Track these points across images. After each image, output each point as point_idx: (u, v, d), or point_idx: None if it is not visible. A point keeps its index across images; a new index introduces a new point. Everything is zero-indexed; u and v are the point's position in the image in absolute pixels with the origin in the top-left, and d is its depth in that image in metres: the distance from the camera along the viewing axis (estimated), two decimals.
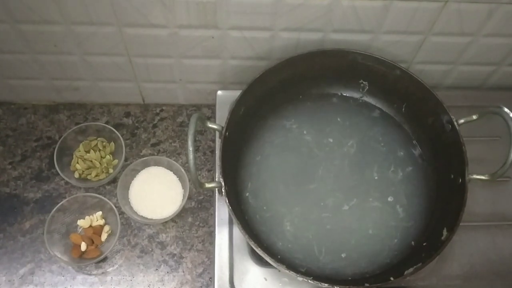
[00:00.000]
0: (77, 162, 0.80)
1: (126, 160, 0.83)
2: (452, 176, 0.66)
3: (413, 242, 0.66)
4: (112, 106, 0.88)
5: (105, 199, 0.76)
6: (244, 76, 0.81)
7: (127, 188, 0.79)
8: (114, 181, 0.81)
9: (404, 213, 0.68)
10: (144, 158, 0.80)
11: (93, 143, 0.82)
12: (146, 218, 0.77)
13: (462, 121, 0.65)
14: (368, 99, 0.77)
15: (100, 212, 0.77)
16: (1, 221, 0.77)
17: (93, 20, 0.69)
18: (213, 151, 0.84)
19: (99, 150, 0.82)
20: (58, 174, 0.78)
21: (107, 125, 0.82)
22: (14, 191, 0.80)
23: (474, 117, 0.65)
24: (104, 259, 0.75)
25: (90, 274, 0.74)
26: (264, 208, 0.68)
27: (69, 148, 0.82)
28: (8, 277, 0.73)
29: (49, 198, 0.79)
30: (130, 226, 0.78)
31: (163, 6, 0.67)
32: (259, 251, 0.58)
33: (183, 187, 0.79)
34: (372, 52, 0.71)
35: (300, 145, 0.73)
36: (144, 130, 0.87)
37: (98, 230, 0.76)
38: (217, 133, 0.66)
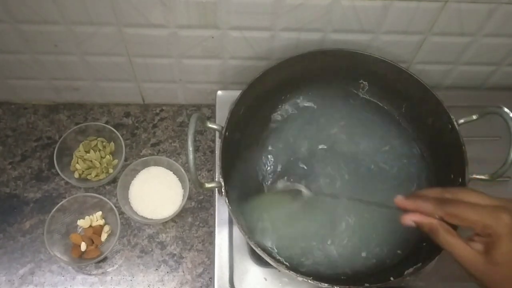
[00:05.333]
0: (77, 162, 0.81)
1: (126, 160, 0.83)
2: (452, 176, 0.66)
3: (413, 242, 0.66)
4: (112, 106, 0.88)
5: (105, 199, 0.76)
6: (244, 76, 0.81)
7: (127, 188, 0.79)
8: (114, 181, 0.81)
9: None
10: (144, 158, 0.80)
11: (93, 143, 0.82)
12: (146, 218, 0.77)
13: (462, 121, 0.65)
14: (368, 99, 0.77)
15: (100, 212, 0.77)
16: (1, 221, 0.77)
17: (93, 20, 0.69)
18: (213, 151, 0.84)
19: (99, 150, 0.82)
20: (58, 174, 0.78)
21: (107, 125, 0.82)
22: (14, 191, 0.80)
23: (474, 117, 0.65)
24: (104, 259, 0.75)
25: (90, 274, 0.74)
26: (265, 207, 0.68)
27: (69, 148, 0.82)
28: (8, 277, 0.73)
29: (49, 198, 0.79)
30: (130, 226, 0.78)
31: (163, 6, 0.67)
32: (259, 251, 0.58)
33: (183, 187, 0.79)
34: (372, 52, 0.71)
35: (300, 145, 0.73)
36: (144, 130, 0.87)
37: (98, 230, 0.76)
38: (217, 133, 0.66)
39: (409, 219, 0.50)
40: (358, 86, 0.76)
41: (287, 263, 0.60)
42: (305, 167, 0.70)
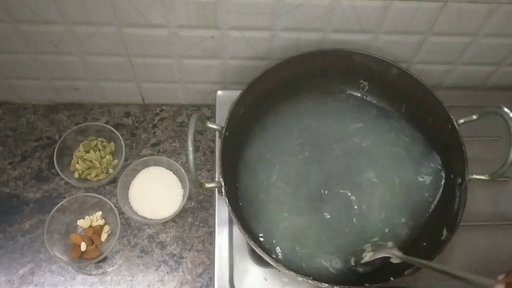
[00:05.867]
0: (77, 162, 0.81)
1: (126, 160, 0.83)
2: (452, 176, 0.66)
3: (413, 242, 0.66)
4: (112, 106, 0.88)
5: (105, 199, 0.76)
6: (244, 76, 0.81)
7: (127, 188, 0.79)
8: (114, 181, 0.81)
9: (404, 213, 0.68)
10: (144, 158, 0.80)
11: (93, 143, 0.82)
12: (146, 218, 0.77)
13: (462, 121, 0.65)
14: (368, 99, 0.77)
15: (100, 212, 0.77)
16: (1, 221, 0.77)
17: (93, 20, 0.69)
18: (213, 151, 0.84)
19: (99, 150, 0.82)
20: (58, 174, 0.78)
21: (107, 125, 0.82)
22: (14, 191, 0.80)
23: (474, 117, 0.65)
24: (104, 259, 0.75)
25: (90, 274, 0.74)
26: (264, 208, 0.68)
27: (69, 148, 0.82)
28: (8, 277, 0.73)
29: (49, 198, 0.79)
30: (130, 226, 0.78)
31: (163, 6, 0.67)
32: (259, 251, 0.58)
33: (183, 187, 0.79)
34: (372, 52, 0.72)
35: (300, 145, 0.72)
36: (144, 130, 0.87)
37: (98, 230, 0.76)
38: (217, 133, 0.66)
39: None
40: (358, 86, 0.76)
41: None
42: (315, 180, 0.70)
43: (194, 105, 0.90)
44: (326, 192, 0.69)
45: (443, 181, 0.69)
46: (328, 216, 0.67)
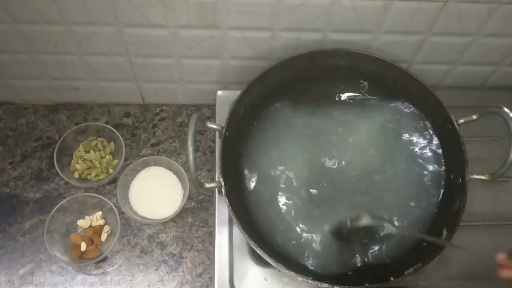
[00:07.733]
0: (77, 162, 0.81)
1: (126, 160, 0.83)
2: (452, 176, 0.66)
3: (413, 242, 0.66)
4: (112, 106, 0.88)
5: (105, 199, 0.76)
6: (244, 76, 0.81)
7: (127, 188, 0.79)
8: (114, 181, 0.81)
9: (404, 213, 0.68)
10: (144, 158, 0.80)
11: (93, 143, 0.82)
12: (146, 218, 0.77)
13: (462, 121, 0.66)
14: (368, 99, 0.77)
15: (100, 212, 0.77)
16: (1, 221, 0.77)
17: (93, 20, 0.69)
18: (213, 151, 0.84)
19: (99, 150, 0.82)
20: (58, 174, 0.78)
21: (107, 125, 0.82)
22: (14, 191, 0.80)
23: (474, 117, 0.65)
24: (104, 259, 0.75)
25: (90, 274, 0.74)
26: (264, 208, 0.68)
27: (69, 148, 0.82)
28: (8, 277, 0.73)
29: (49, 198, 0.79)
30: (130, 226, 0.78)
31: (163, 6, 0.67)
32: (259, 251, 0.58)
33: (183, 187, 0.79)
34: (372, 52, 0.71)
35: (300, 145, 0.72)
36: (144, 130, 0.87)
37: (98, 230, 0.76)
38: (217, 133, 0.66)
39: (508, 275, 0.54)
40: (358, 86, 0.76)
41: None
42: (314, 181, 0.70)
43: (194, 105, 0.90)
44: (328, 192, 0.69)
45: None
46: (327, 215, 0.67)
